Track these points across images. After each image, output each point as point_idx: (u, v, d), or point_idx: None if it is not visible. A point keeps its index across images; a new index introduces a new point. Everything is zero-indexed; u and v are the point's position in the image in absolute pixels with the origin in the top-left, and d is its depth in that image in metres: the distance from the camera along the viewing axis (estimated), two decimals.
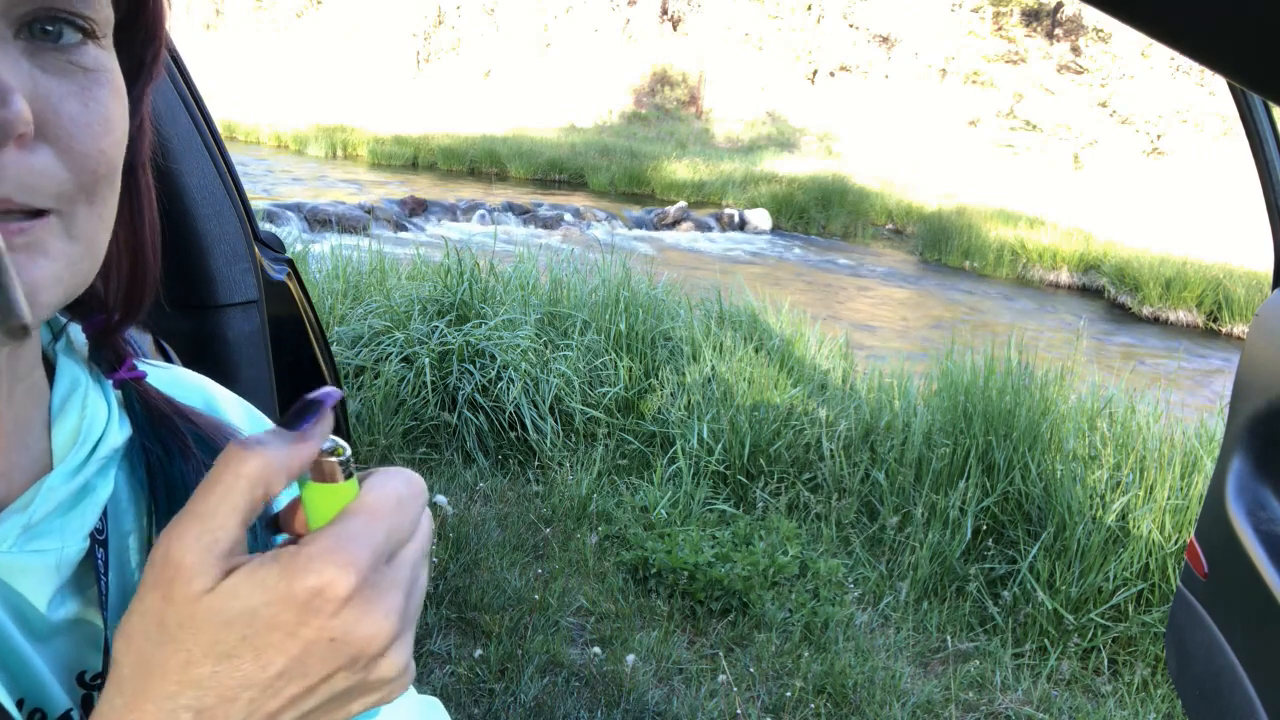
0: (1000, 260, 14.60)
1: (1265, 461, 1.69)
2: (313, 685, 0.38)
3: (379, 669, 0.39)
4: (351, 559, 0.36)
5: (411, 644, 0.40)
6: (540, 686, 2.66)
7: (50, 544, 0.46)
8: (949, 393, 4.18)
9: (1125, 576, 3.34)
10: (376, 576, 0.37)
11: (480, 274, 4.85)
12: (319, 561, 0.36)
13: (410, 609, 0.40)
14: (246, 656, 0.36)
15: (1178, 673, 1.93)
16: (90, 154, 0.42)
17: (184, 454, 0.54)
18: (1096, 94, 27.75)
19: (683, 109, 29.81)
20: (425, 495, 0.42)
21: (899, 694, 2.84)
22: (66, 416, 0.50)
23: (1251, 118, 1.60)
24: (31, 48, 0.40)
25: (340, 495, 0.39)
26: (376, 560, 0.37)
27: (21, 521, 0.45)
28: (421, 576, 0.41)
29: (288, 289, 1.82)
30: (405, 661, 0.40)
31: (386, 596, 0.37)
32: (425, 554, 0.41)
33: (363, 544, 0.37)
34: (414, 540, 0.40)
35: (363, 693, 0.40)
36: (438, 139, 21.10)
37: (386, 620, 0.37)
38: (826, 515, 3.85)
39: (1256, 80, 0.46)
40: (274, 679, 0.37)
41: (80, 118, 0.41)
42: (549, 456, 4.12)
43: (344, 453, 0.39)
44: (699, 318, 5.31)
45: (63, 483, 0.48)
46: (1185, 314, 12.31)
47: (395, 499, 0.39)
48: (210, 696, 0.37)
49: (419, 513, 0.41)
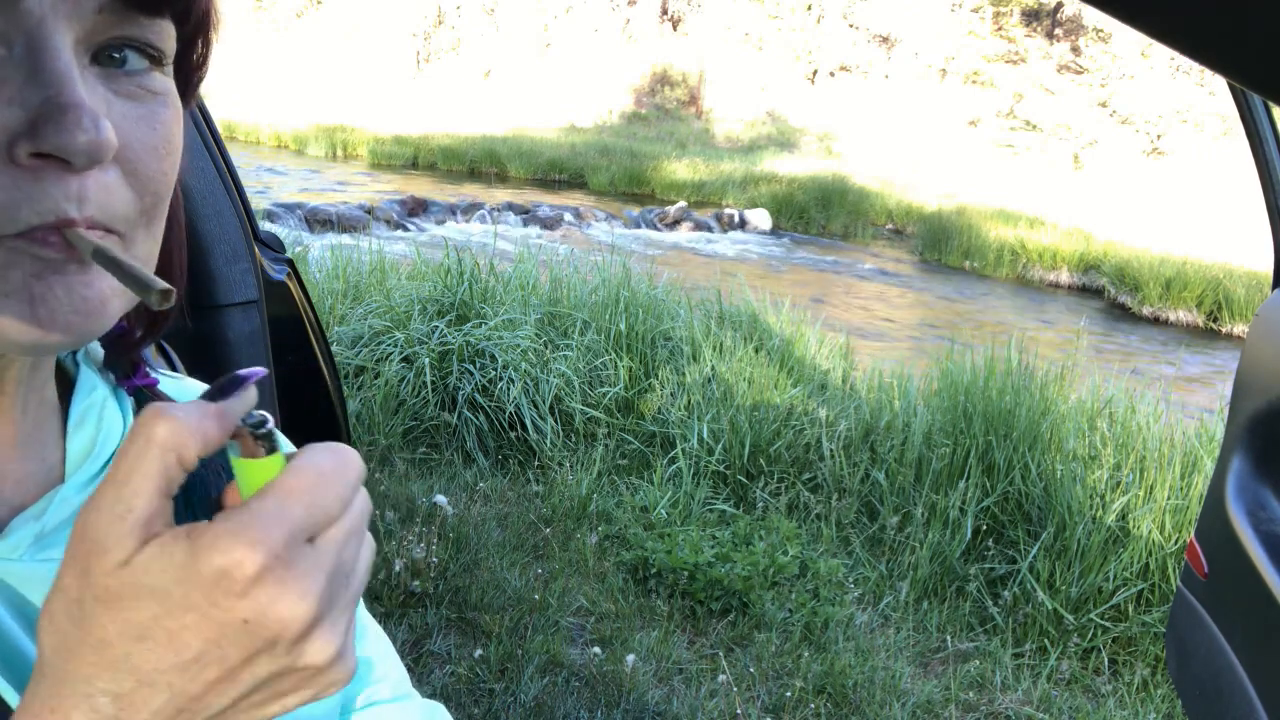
0: (1000, 260, 14.60)
1: (1265, 461, 1.69)
2: (234, 670, 0.36)
3: (305, 655, 0.37)
4: (260, 536, 0.34)
5: (345, 632, 0.38)
6: (540, 686, 2.66)
7: (60, 554, 0.46)
8: (949, 393, 4.18)
9: (1125, 576, 3.34)
10: (291, 555, 0.35)
11: (480, 274, 4.85)
12: (226, 539, 0.34)
13: (336, 592, 0.37)
14: (160, 638, 0.35)
15: (1178, 673, 1.93)
16: (154, 176, 0.44)
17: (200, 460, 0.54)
18: (1096, 94, 27.74)
19: (683, 109, 29.81)
20: (358, 472, 0.39)
21: (899, 694, 2.84)
22: (83, 428, 0.51)
23: (1251, 118, 1.60)
24: (104, 73, 0.42)
25: (265, 471, 0.37)
26: (291, 538, 0.35)
27: (35, 530, 0.46)
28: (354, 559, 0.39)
29: (288, 289, 1.82)
30: (336, 650, 0.38)
31: (304, 577, 0.35)
32: (357, 534, 0.39)
33: (273, 521, 0.35)
34: (342, 520, 0.38)
35: (296, 684, 0.38)
36: (438, 139, 21.10)
37: (302, 602, 0.35)
38: (826, 515, 3.85)
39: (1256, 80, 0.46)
40: (191, 663, 0.35)
41: (147, 141, 0.43)
42: (549, 456, 4.12)
43: (266, 426, 0.38)
44: (699, 318, 5.31)
45: (75, 494, 0.48)
46: (1185, 314, 12.30)
47: (315, 475, 0.37)
48: (128, 680, 0.35)
49: (348, 491, 0.38)
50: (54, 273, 0.40)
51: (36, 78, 0.38)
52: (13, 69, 0.38)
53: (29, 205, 0.39)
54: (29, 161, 0.38)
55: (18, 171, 0.38)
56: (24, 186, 0.39)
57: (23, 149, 0.38)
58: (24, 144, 0.38)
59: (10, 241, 0.39)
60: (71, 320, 0.41)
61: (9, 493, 0.47)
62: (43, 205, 0.39)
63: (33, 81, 0.39)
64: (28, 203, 0.39)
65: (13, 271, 0.39)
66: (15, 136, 0.38)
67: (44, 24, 0.39)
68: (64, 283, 0.40)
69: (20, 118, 0.38)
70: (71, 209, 0.40)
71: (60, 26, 0.39)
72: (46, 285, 0.40)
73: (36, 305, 0.40)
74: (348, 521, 0.38)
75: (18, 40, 0.38)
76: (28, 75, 0.39)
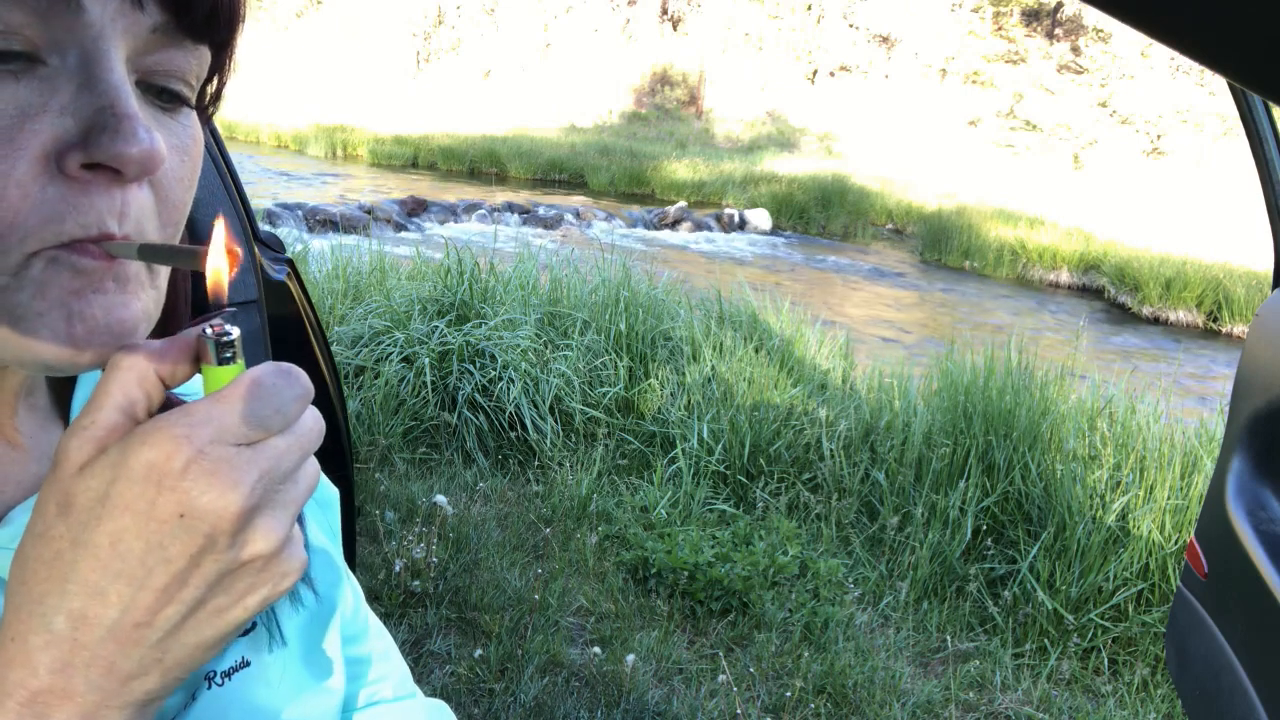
0: (1000, 260, 14.60)
1: (1265, 461, 1.69)
2: (182, 573, 0.36)
3: (247, 546, 0.37)
4: (187, 432, 0.35)
5: (288, 524, 0.38)
6: (540, 686, 2.66)
7: None
8: (949, 393, 4.18)
9: (1125, 576, 3.34)
10: (222, 451, 0.35)
11: (480, 274, 4.85)
12: (154, 434, 0.35)
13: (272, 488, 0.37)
14: (103, 544, 0.35)
15: (1178, 673, 1.93)
16: (179, 205, 0.45)
17: None
18: (1096, 94, 27.74)
19: (683, 109, 29.81)
20: (303, 389, 0.39)
21: (899, 694, 2.84)
22: None
23: (1251, 118, 1.60)
24: (144, 99, 0.43)
25: (221, 378, 0.38)
26: (220, 437, 0.36)
27: None
28: (295, 468, 0.39)
29: (288, 289, 1.82)
30: (279, 538, 0.37)
31: (233, 470, 0.35)
32: (298, 447, 0.38)
33: (203, 419, 0.35)
34: (287, 434, 0.38)
35: (249, 581, 0.38)
36: (438, 139, 21.10)
37: (233, 491, 0.35)
38: (826, 515, 3.85)
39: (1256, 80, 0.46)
40: (136, 568, 0.35)
41: (178, 171, 0.44)
42: (549, 456, 4.12)
43: (227, 338, 0.38)
44: (699, 318, 5.31)
45: None
46: (1185, 314, 12.30)
47: (253, 384, 0.37)
48: (78, 595, 0.35)
49: (290, 405, 0.38)
50: (94, 290, 0.40)
51: (91, 88, 0.39)
52: (65, 79, 0.38)
53: (74, 217, 0.39)
54: (78, 173, 0.38)
55: (66, 183, 0.38)
56: (70, 198, 0.39)
57: (74, 159, 0.38)
58: (76, 154, 0.38)
59: (50, 252, 0.39)
60: (105, 342, 0.41)
61: (10, 493, 0.47)
62: (87, 218, 0.39)
63: (86, 92, 0.39)
64: (72, 214, 0.39)
65: (51, 288, 0.39)
66: (67, 147, 0.38)
67: (102, 37, 0.39)
68: (103, 302, 0.41)
69: (72, 128, 0.38)
70: (113, 224, 0.40)
71: (116, 41, 0.40)
72: (85, 303, 0.40)
73: (74, 323, 0.40)
74: (288, 434, 0.38)
75: (71, 50, 0.38)
76: (81, 86, 0.39)
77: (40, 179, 0.38)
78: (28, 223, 0.38)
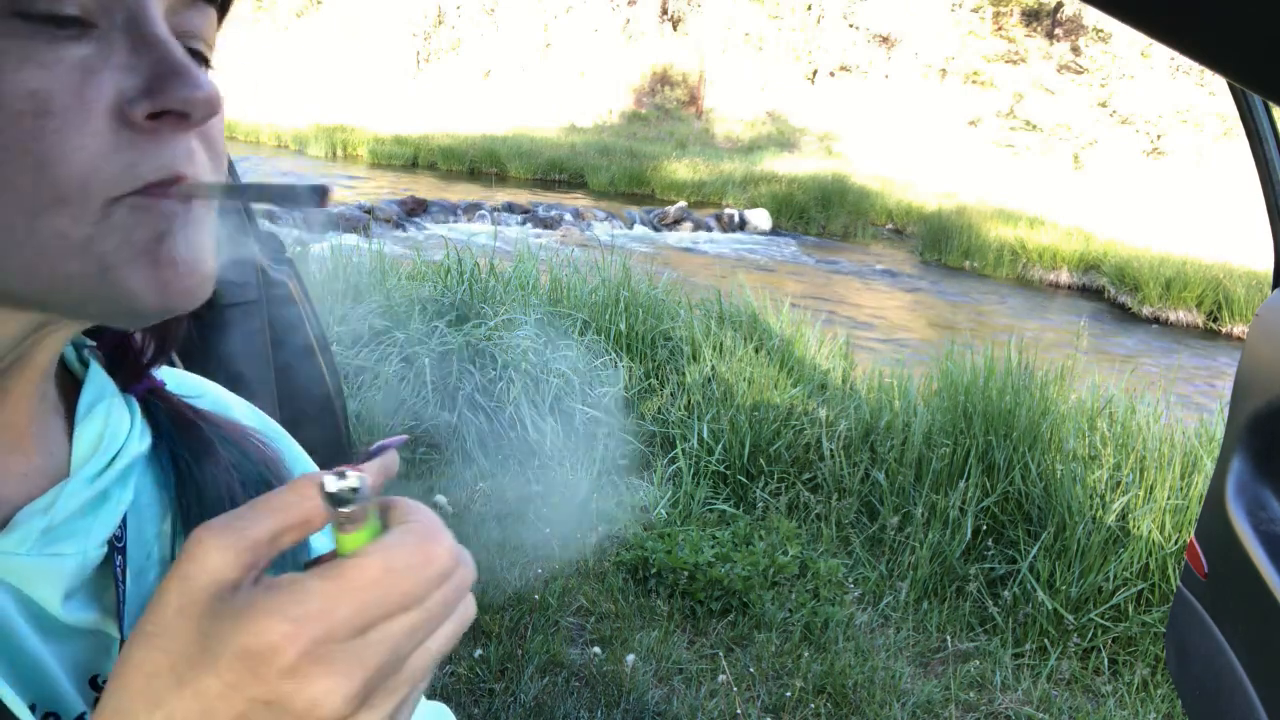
0: (1000, 260, 14.60)
1: (1265, 461, 1.69)
2: None
3: None
4: (296, 630, 0.34)
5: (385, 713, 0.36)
6: (540, 686, 2.66)
7: (69, 548, 0.47)
8: (949, 393, 4.18)
9: (1125, 576, 3.34)
10: (329, 649, 0.34)
11: (480, 274, 4.85)
12: (265, 619, 0.34)
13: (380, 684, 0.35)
14: (188, 695, 0.34)
15: (1178, 673, 1.93)
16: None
17: (212, 457, 0.55)
18: (1096, 94, 27.74)
19: (683, 109, 29.81)
20: (440, 569, 0.37)
21: (899, 694, 2.84)
22: (90, 423, 0.51)
23: (1251, 118, 1.60)
24: None
25: (353, 543, 0.36)
26: (332, 630, 0.34)
27: (42, 524, 0.46)
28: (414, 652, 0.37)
29: (288, 289, 1.82)
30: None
31: (340, 672, 0.34)
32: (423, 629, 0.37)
33: (316, 613, 0.34)
34: (406, 615, 0.36)
35: None
36: (438, 139, 21.10)
37: (328, 696, 0.34)
38: (826, 515, 3.85)
39: (1256, 80, 0.46)
40: None
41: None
42: (549, 456, 4.12)
43: (352, 501, 0.36)
44: (699, 318, 5.31)
45: (82, 488, 0.48)
46: (1185, 314, 12.30)
47: (382, 570, 0.35)
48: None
49: (422, 587, 0.36)
50: (174, 232, 0.41)
51: (144, 45, 0.41)
52: (117, 39, 0.40)
53: (147, 162, 0.40)
54: (144, 123, 0.40)
55: (135, 132, 0.40)
56: (141, 145, 0.40)
57: (140, 109, 0.40)
58: (142, 104, 0.40)
59: (131, 199, 0.40)
60: (189, 283, 0.42)
61: (15, 488, 0.47)
62: (160, 161, 0.41)
63: (141, 48, 0.41)
64: (145, 160, 0.40)
65: (135, 233, 0.40)
66: (131, 99, 0.40)
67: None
68: (184, 243, 0.42)
69: (133, 81, 0.40)
70: (184, 165, 0.42)
71: (155, 2, 0.42)
72: (168, 245, 0.41)
73: (161, 266, 0.41)
74: (415, 615, 0.36)
75: (117, 12, 0.40)
76: (133, 43, 0.41)
77: (112, 129, 0.39)
78: (106, 171, 0.39)
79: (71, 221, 0.39)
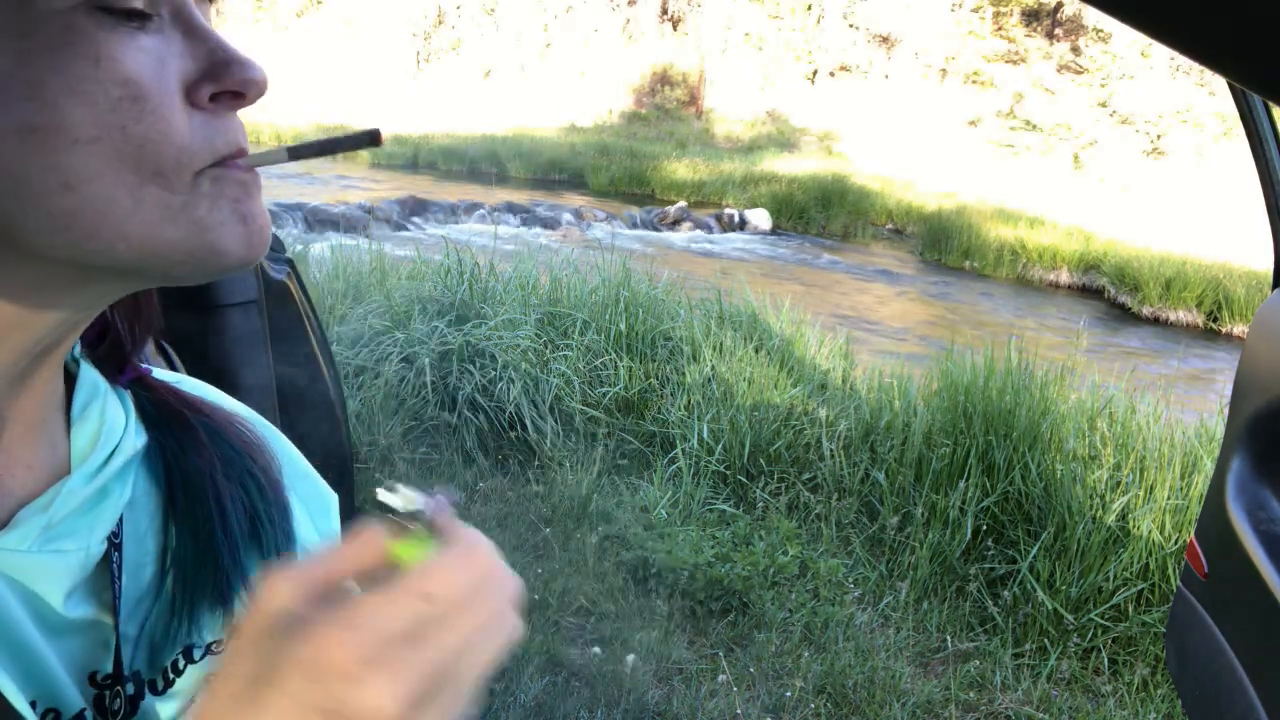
0: (1000, 260, 14.60)
1: (1265, 461, 1.69)
2: None
3: None
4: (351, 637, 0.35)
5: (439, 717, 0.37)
6: (540, 686, 2.66)
7: (69, 545, 0.47)
8: (949, 393, 4.18)
9: (1125, 576, 3.34)
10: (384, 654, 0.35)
11: (480, 274, 4.85)
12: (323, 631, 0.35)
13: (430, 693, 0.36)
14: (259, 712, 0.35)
15: (1178, 673, 1.93)
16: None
17: (197, 447, 0.56)
18: (1096, 94, 27.73)
19: (683, 109, 29.81)
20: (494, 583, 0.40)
21: (899, 694, 2.84)
22: (87, 420, 0.51)
23: (1251, 118, 1.60)
24: None
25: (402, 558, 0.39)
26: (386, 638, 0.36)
27: (42, 522, 0.46)
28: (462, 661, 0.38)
29: (288, 289, 1.82)
30: None
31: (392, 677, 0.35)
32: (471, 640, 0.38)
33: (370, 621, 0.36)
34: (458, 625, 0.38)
35: None
36: (438, 139, 21.11)
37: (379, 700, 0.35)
38: (826, 515, 3.85)
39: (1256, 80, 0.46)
40: None
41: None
42: (549, 456, 4.12)
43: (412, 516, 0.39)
44: (699, 318, 5.31)
45: (82, 485, 0.49)
46: (1185, 314, 12.30)
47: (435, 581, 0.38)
48: None
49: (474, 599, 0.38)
50: (251, 196, 0.47)
51: (195, 35, 0.45)
52: (170, 30, 0.44)
53: (220, 137, 0.45)
54: (207, 104, 0.45)
55: (200, 113, 0.45)
56: (211, 123, 0.45)
57: (204, 92, 0.45)
58: (205, 87, 0.45)
59: (211, 171, 0.45)
60: (266, 236, 0.48)
61: (16, 485, 0.47)
62: (226, 137, 0.46)
63: (193, 38, 0.45)
64: (218, 136, 0.45)
65: (221, 199, 0.45)
66: (194, 83, 0.44)
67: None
68: (258, 205, 0.47)
69: (193, 67, 0.45)
70: (242, 139, 0.47)
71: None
72: (248, 207, 0.46)
73: (247, 224, 0.46)
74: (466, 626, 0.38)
75: (164, 6, 0.44)
76: (185, 34, 0.45)
77: (187, 110, 0.44)
78: (192, 147, 0.44)
79: (170, 193, 0.43)
